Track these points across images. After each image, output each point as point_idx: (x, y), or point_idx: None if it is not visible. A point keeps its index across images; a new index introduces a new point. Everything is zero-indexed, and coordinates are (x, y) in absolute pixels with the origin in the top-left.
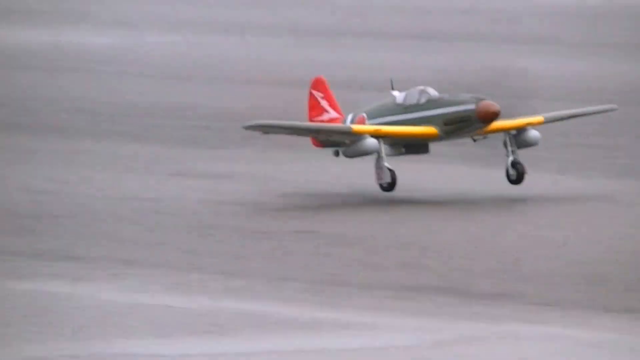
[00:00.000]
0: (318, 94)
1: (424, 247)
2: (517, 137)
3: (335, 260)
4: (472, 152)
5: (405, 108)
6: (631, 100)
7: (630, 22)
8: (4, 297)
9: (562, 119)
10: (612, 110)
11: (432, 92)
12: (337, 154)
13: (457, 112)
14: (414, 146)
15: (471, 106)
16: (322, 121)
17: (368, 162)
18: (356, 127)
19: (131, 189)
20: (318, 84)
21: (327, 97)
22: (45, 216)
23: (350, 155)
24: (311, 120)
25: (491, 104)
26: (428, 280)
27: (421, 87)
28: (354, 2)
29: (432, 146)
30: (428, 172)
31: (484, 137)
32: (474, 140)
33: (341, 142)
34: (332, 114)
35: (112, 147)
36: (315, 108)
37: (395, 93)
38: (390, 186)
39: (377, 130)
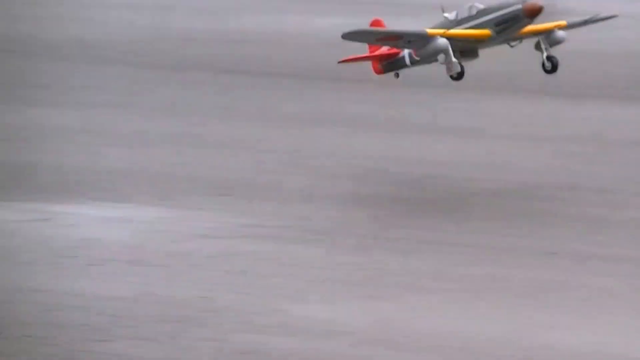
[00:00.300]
0: None
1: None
2: (548, 37)
3: None
4: None
5: (459, 21)
6: None
7: None
8: None
9: (579, 25)
10: (613, 17)
11: (479, 5)
12: (397, 75)
13: (506, 13)
14: (467, 51)
15: (518, 6)
16: (381, 53)
17: None
18: (430, 30)
19: None
20: (375, 24)
21: None
22: None
23: (424, 55)
24: (372, 54)
25: (535, 1)
26: None
27: (469, 4)
28: None
29: None
30: None
31: (520, 42)
32: (511, 46)
33: (403, 65)
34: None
35: None
36: (374, 45)
37: (447, 14)
38: (459, 75)
39: (444, 32)
